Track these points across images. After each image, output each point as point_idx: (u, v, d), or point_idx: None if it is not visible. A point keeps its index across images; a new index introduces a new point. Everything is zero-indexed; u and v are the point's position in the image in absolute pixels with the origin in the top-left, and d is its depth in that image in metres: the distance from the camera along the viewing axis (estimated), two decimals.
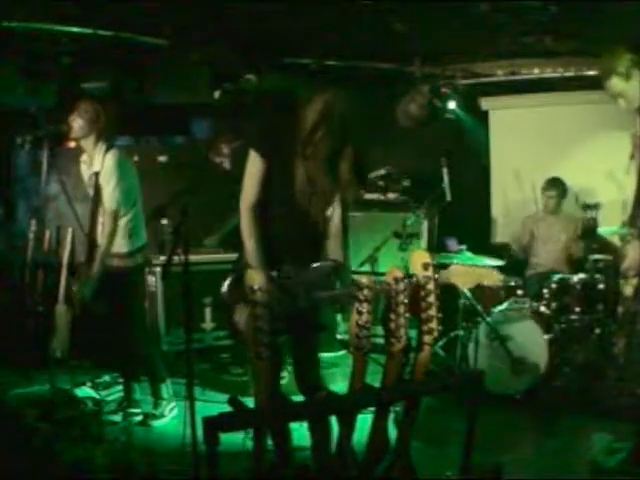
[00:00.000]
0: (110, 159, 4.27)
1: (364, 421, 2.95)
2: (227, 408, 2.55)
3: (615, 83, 3.78)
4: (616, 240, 5.34)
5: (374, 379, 2.91)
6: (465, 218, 6.49)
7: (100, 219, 4.33)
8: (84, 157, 4.46)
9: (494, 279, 3.07)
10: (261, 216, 3.26)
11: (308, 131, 3.14)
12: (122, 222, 4.32)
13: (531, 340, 4.97)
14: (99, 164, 4.30)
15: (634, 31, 4.76)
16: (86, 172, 4.46)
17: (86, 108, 4.31)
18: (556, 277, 5.40)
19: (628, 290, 4.24)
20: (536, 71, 6.26)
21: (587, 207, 5.04)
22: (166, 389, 4.56)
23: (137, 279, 4.55)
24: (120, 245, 4.35)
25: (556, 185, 6.01)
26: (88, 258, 4.33)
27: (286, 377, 5.16)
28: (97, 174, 4.30)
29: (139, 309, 4.65)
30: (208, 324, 6.07)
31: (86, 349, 5.22)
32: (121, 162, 4.30)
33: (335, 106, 3.13)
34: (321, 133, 3.14)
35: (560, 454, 4.04)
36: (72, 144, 5.21)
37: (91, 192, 4.39)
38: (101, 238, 4.30)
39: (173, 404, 4.57)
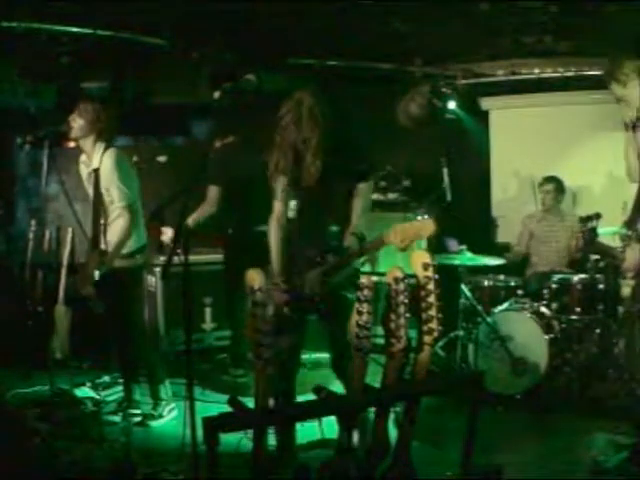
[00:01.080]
0: (108, 158, 4.28)
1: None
2: (227, 408, 2.55)
3: (614, 88, 3.84)
4: (616, 240, 5.33)
5: (374, 379, 2.91)
6: (466, 218, 6.49)
7: (102, 220, 4.33)
8: (83, 157, 4.46)
9: (430, 229, 3.04)
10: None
11: (277, 122, 3.49)
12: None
13: (531, 340, 4.97)
14: (97, 162, 4.30)
15: (634, 31, 4.77)
16: (84, 171, 4.46)
17: (86, 108, 4.31)
18: (556, 277, 5.40)
19: (626, 291, 4.25)
20: (536, 71, 6.26)
21: (586, 219, 5.02)
22: (164, 390, 4.55)
23: (136, 280, 4.54)
24: None
25: (552, 181, 6.03)
26: (91, 256, 4.32)
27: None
28: (96, 171, 4.30)
29: (137, 310, 4.64)
30: (208, 324, 6.07)
31: (86, 350, 5.23)
32: (120, 160, 4.31)
33: (304, 102, 3.44)
34: (287, 124, 3.47)
35: (560, 454, 4.04)
36: (72, 144, 5.21)
37: (90, 190, 4.38)
38: (109, 236, 4.29)
39: (172, 405, 4.56)
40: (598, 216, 4.94)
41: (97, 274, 4.26)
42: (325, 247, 3.52)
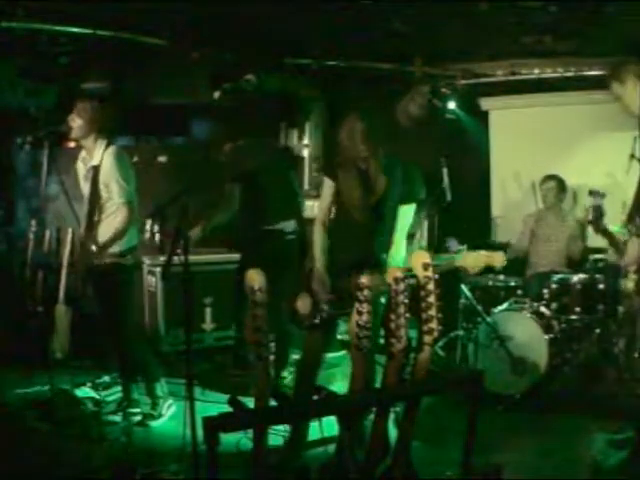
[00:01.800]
0: (109, 155, 4.28)
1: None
2: (227, 408, 2.55)
3: (614, 87, 3.91)
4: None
5: (375, 379, 2.91)
6: (466, 218, 6.49)
7: (95, 217, 4.33)
8: (83, 154, 4.46)
9: (500, 260, 3.38)
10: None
11: (341, 149, 3.81)
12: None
13: (531, 340, 4.97)
14: (98, 159, 4.30)
15: (634, 31, 4.77)
16: (82, 168, 4.46)
17: (85, 108, 4.31)
18: (556, 277, 5.40)
19: (629, 285, 4.25)
20: (536, 71, 6.26)
21: (593, 193, 4.99)
22: (160, 388, 4.55)
23: (128, 278, 4.52)
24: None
25: (553, 179, 6.03)
26: (84, 251, 4.32)
27: (287, 377, 5.17)
28: (95, 168, 4.30)
29: (129, 308, 4.63)
30: (208, 324, 6.08)
31: (86, 349, 5.22)
32: (121, 157, 4.31)
33: (356, 125, 3.75)
34: (347, 151, 3.78)
35: (560, 454, 4.04)
36: (72, 144, 5.22)
37: (86, 187, 4.37)
38: (102, 232, 4.29)
39: (170, 402, 4.56)
40: (603, 195, 4.92)
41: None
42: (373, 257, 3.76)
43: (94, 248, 4.28)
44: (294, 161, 6.65)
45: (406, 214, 3.97)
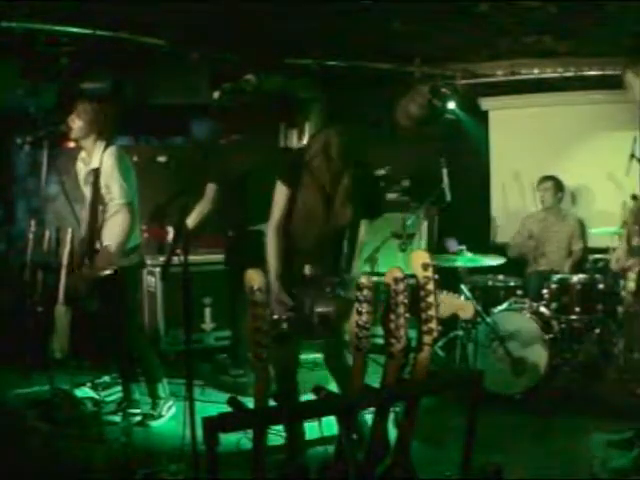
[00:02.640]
0: (110, 155, 4.27)
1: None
2: (227, 408, 2.55)
3: (628, 77, 3.89)
4: (615, 240, 5.33)
5: (374, 379, 2.91)
6: (465, 218, 6.49)
7: (99, 217, 4.33)
8: (82, 154, 4.46)
9: (469, 312, 3.22)
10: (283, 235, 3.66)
11: (310, 161, 3.60)
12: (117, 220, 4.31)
13: (531, 340, 4.97)
14: (98, 161, 4.30)
15: (634, 31, 4.76)
16: (82, 169, 4.45)
17: (85, 109, 4.31)
18: (556, 277, 5.40)
19: (630, 286, 4.25)
20: (536, 71, 6.26)
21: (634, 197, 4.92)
22: (162, 388, 4.55)
23: (131, 278, 4.53)
24: None
25: (550, 179, 6.05)
26: (89, 255, 4.31)
27: None
28: (96, 171, 4.30)
29: (133, 308, 4.64)
30: (208, 325, 6.07)
31: (86, 349, 5.22)
32: (121, 158, 4.31)
33: (334, 141, 3.54)
34: (319, 163, 3.57)
35: (560, 454, 4.04)
36: (72, 144, 5.21)
37: (87, 190, 4.37)
38: (109, 234, 4.28)
39: (170, 402, 4.56)
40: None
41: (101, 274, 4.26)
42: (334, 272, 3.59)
43: (103, 258, 4.26)
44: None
45: (365, 229, 3.79)
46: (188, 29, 5.47)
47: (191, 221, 5.05)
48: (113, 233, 4.26)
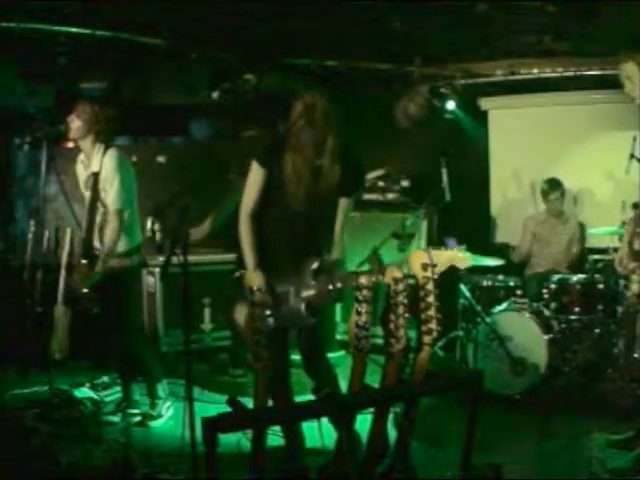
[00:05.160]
0: (110, 159, 4.27)
1: (364, 421, 2.95)
2: (226, 409, 2.55)
3: (627, 67, 3.88)
4: (615, 240, 5.33)
5: (374, 379, 2.91)
6: (465, 218, 6.48)
7: (97, 219, 4.32)
8: (82, 157, 4.45)
9: (465, 262, 3.12)
10: (260, 221, 3.50)
11: (290, 125, 3.41)
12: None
13: (531, 340, 4.97)
14: (97, 164, 4.29)
15: (634, 31, 4.76)
16: (82, 172, 4.45)
17: (84, 109, 4.30)
18: (556, 277, 5.40)
19: (634, 287, 4.25)
20: (535, 71, 6.25)
21: None
22: (162, 388, 4.55)
23: (132, 279, 4.53)
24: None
25: (558, 187, 6.00)
26: (85, 257, 4.31)
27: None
28: (95, 174, 4.29)
29: (134, 309, 4.63)
30: (207, 325, 6.07)
31: (85, 350, 5.22)
32: (121, 161, 4.30)
33: (316, 104, 3.39)
34: (301, 127, 3.38)
35: (560, 454, 4.04)
36: (71, 144, 5.20)
37: (87, 193, 4.37)
38: (104, 238, 4.28)
39: (169, 403, 4.56)
40: None
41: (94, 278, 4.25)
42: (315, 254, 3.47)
43: (101, 262, 4.26)
44: None
45: (349, 207, 3.62)
46: (188, 29, 5.47)
47: (217, 219, 5.02)
48: (105, 237, 4.27)
